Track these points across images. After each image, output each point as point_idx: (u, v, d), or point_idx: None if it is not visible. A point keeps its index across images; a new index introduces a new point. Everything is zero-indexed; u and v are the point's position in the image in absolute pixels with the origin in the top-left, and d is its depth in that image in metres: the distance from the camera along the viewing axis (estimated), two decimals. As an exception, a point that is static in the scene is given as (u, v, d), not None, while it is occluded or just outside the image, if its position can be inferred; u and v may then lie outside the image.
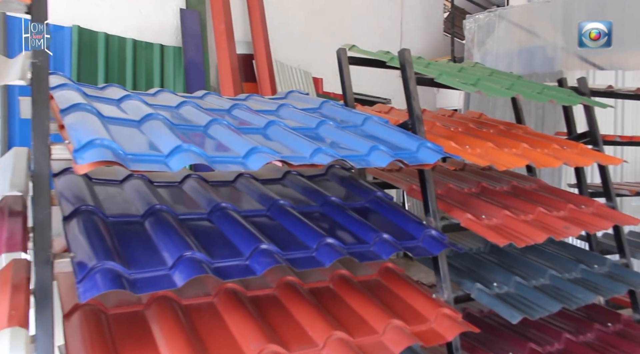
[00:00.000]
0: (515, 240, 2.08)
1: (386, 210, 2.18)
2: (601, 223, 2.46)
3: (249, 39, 5.47)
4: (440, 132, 2.61)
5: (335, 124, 2.18)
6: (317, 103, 2.58)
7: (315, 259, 1.71)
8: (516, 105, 3.36)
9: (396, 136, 2.13)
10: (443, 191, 2.60)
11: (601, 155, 2.71)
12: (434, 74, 2.40)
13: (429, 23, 8.52)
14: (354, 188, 2.38)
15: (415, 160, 1.95)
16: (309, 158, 1.72)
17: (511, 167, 2.15)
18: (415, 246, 1.95)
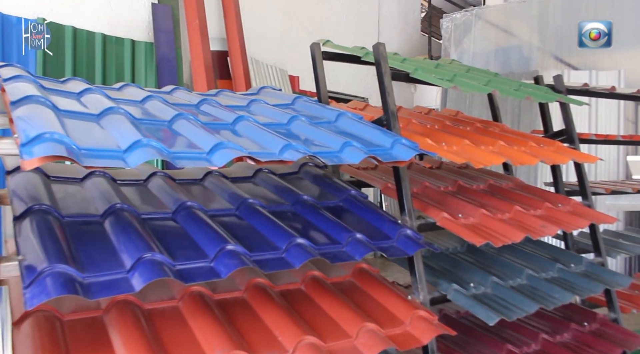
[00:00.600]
0: (492, 240, 2.03)
1: (360, 209, 2.11)
2: (578, 221, 2.43)
3: (224, 36, 5.36)
4: (416, 129, 2.55)
5: (307, 120, 2.11)
6: (290, 99, 2.51)
7: (285, 260, 1.63)
8: (493, 103, 3.32)
9: (370, 132, 2.06)
10: (419, 189, 2.54)
11: (578, 153, 2.69)
12: (410, 69, 2.34)
13: (407, 22, 8.51)
14: (327, 186, 2.31)
15: (390, 157, 1.89)
16: (277, 154, 1.64)
17: (488, 165, 2.10)
18: (390, 247, 1.88)
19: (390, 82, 2.21)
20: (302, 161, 2.52)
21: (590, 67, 6.12)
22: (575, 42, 6.24)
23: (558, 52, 6.33)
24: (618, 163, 5.84)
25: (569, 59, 6.28)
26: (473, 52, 6.69)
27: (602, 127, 5.96)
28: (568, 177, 5.60)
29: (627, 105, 6.02)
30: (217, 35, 5.40)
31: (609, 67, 6.10)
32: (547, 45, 6.38)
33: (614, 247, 3.08)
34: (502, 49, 6.56)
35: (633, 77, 5.87)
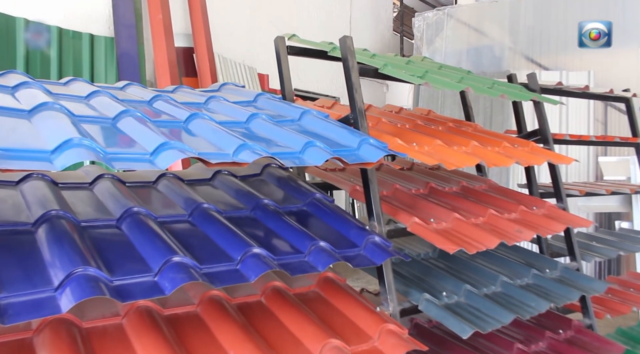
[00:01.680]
0: (465, 246, 1.91)
1: (325, 214, 1.96)
2: (553, 225, 2.33)
3: (190, 31, 5.16)
4: (386, 129, 2.42)
5: (268, 118, 1.95)
6: (252, 96, 2.35)
7: (240, 273, 1.47)
8: (465, 102, 3.22)
9: (336, 132, 1.92)
10: (389, 192, 2.41)
11: (553, 154, 2.60)
12: (378, 65, 2.20)
13: (379, 21, 8.41)
14: (291, 189, 2.15)
15: (356, 158, 1.75)
16: (231, 155, 1.49)
17: (461, 167, 1.98)
18: (357, 255, 1.74)
19: (358, 77, 2.07)
20: (265, 162, 2.36)
21: (560, 67, 6.11)
22: (547, 41, 6.24)
23: (529, 52, 6.31)
24: (588, 164, 5.84)
25: (539, 59, 6.26)
26: (445, 51, 6.62)
27: (572, 127, 5.96)
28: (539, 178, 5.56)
29: (596, 106, 6.03)
30: (182, 30, 5.19)
31: (579, 67, 6.11)
32: (518, 45, 6.36)
33: (587, 250, 3.01)
34: (474, 49, 6.51)
35: (601, 78, 5.87)
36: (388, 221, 2.19)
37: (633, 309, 2.93)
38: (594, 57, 5.88)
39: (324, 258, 1.61)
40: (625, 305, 2.92)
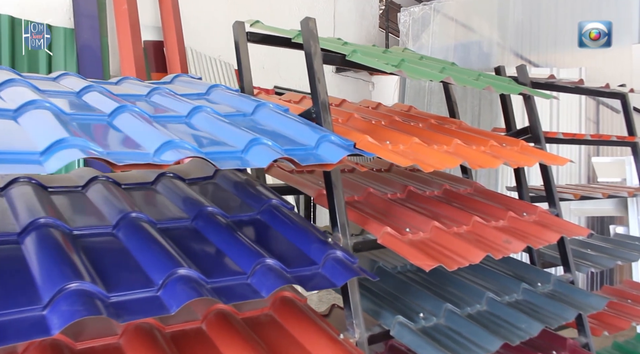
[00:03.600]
0: (445, 261, 1.63)
1: (282, 223, 1.68)
2: (546, 234, 2.06)
3: (160, 24, 4.85)
4: (358, 125, 2.14)
5: (214, 112, 1.67)
6: (205, 88, 2.06)
7: (160, 302, 1.19)
8: (450, 97, 2.95)
9: (294, 128, 1.63)
10: (361, 197, 2.13)
11: (545, 153, 2.33)
12: (346, 51, 1.92)
13: (364, 17, 8.14)
14: (245, 194, 1.87)
15: (314, 158, 1.46)
16: (152, 155, 1.20)
17: (440, 168, 1.70)
18: (314, 275, 1.45)
19: (321, 65, 1.79)
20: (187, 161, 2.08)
21: (551, 64, 5.88)
22: (537, 37, 6.01)
23: (519, 49, 6.07)
24: (580, 165, 5.60)
25: (529, 56, 6.02)
26: (431, 47, 6.36)
27: (563, 126, 5.72)
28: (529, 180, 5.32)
29: (588, 105, 5.80)
30: (153, 23, 4.89)
31: (570, 64, 5.87)
32: (507, 41, 6.11)
33: (582, 259, 2.74)
34: (461, 45, 6.25)
35: (594, 75, 5.64)
36: (361, 231, 1.92)
37: (632, 324, 2.67)
38: (585, 53, 5.65)
39: (270, 280, 1.33)
40: (624, 320, 2.66)
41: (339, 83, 7.58)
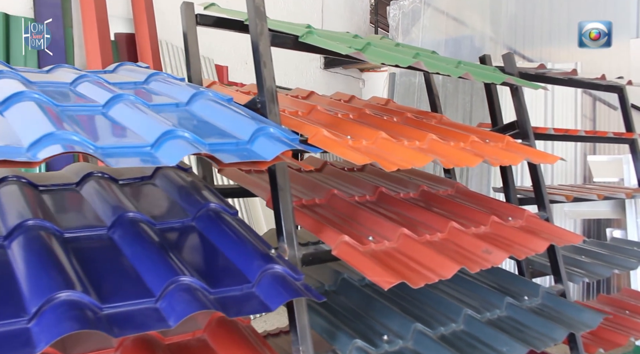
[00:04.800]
0: (409, 277, 1.38)
1: (218, 232, 1.42)
2: (533, 243, 1.81)
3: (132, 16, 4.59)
4: (319, 118, 1.89)
5: (140, 102, 1.41)
6: (144, 77, 1.81)
7: (28, 335, 0.93)
8: (431, 90, 2.70)
9: (230, 119, 1.38)
10: (324, 199, 1.88)
11: (533, 150, 2.07)
12: (299, 33, 1.67)
13: (354, 12, 7.89)
14: (183, 197, 1.61)
15: (247, 154, 1.21)
16: (25, 150, 0.95)
17: (406, 166, 1.45)
18: (244, 297, 1.19)
19: (268, 47, 1.54)
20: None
21: (545, 59, 5.63)
22: (530, 32, 5.77)
23: (512, 43, 5.81)
24: (575, 163, 5.35)
25: (523, 51, 5.77)
26: (422, 42, 6.11)
27: (559, 124, 5.46)
28: (521, 179, 5.07)
29: (584, 101, 5.55)
30: (125, 14, 4.63)
31: (566, 59, 5.62)
32: (500, 35, 5.86)
33: (575, 268, 2.49)
34: (452, 39, 6.00)
35: (590, 70, 5.38)
36: (317, 241, 1.66)
37: (630, 339, 2.43)
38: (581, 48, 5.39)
39: (181, 304, 1.07)
40: (621, 334, 2.41)
41: (327, 80, 7.33)
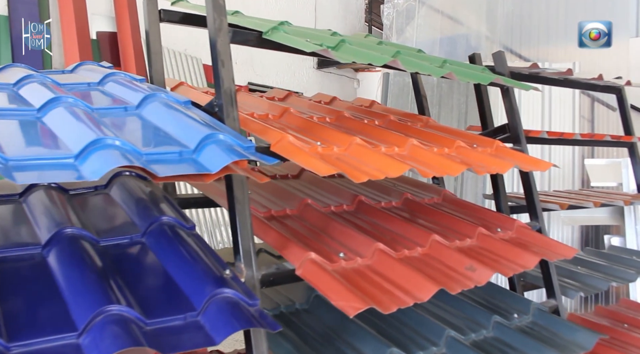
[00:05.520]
0: (380, 301, 1.23)
1: (168, 250, 1.27)
2: (523, 257, 1.67)
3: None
4: (291, 122, 1.74)
5: (82, 105, 1.27)
6: (99, 78, 1.67)
7: None
8: (418, 90, 2.56)
9: (180, 124, 1.24)
10: (295, 210, 1.73)
11: (523, 156, 1.93)
12: (264, 29, 1.53)
13: (348, 11, 7.75)
14: (136, 210, 1.46)
15: (192, 165, 1.07)
16: None
17: (378, 177, 1.31)
18: (185, 327, 1.04)
19: (228, 44, 1.40)
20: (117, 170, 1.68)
21: (542, 59, 5.48)
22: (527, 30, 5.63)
23: (508, 42, 5.67)
24: (573, 166, 5.21)
25: (519, 50, 5.63)
26: (416, 41, 5.97)
27: (556, 126, 5.32)
28: (517, 185, 4.92)
29: (582, 102, 5.41)
30: (108, 12, 4.49)
31: (563, 59, 5.49)
32: (496, 34, 5.72)
33: (570, 280, 2.35)
34: (447, 38, 5.86)
35: (588, 70, 5.24)
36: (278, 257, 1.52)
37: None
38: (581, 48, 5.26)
39: (108, 340, 0.92)
40: (618, 351, 2.26)
41: (320, 80, 7.19)
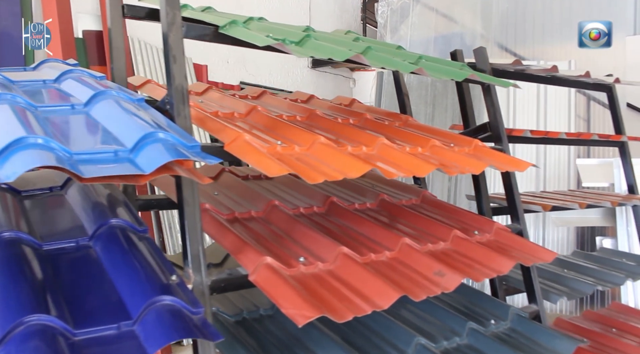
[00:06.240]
0: (335, 310, 1.16)
1: (114, 254, 1.21)
2: (497, 261, 1.59)
3: (101, 12, 4.39)
4: (257, 120, 1.68)
5: (25, 103, 1.21)
6: (55, 75, 1.60)
7: None
8: (400, 88, 2.49)
9: (124, 123, 1.17)
10: (261, 212, 1.67)
11: (501, 156, 1.85)
12: (220, 22, 1.46)
13: (344, 10, 7.68)
14: (88, 212, 1.40)
15: (128, 165, 1.00)
16: None
17: (336, 178, 1.24)
18: (119, 337, 0.98)
19: (181, 39, 1.33)
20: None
21: (538, 57, 5.40)
22: (522, 28, 5.55)
23: (503, 41, 5.59)
24: (569, 166, 5.13)
25: (515, 48, 5.55)
26: (410, 39, 5.89)
27: (551, 125, 5.24)
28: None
29: (578, 101, 5.33)
30: (94, 10, 4.43)
31: (560, 57, 5.40)
32: (491, 32, 5.64)
33: (555, 283, 2.28)
34: (442, 37, 5.78)
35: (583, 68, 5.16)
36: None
37: (615, 363, 2.21)
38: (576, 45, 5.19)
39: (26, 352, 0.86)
40: (605, 358, 2.20)
41: (315, 79, 7.12)
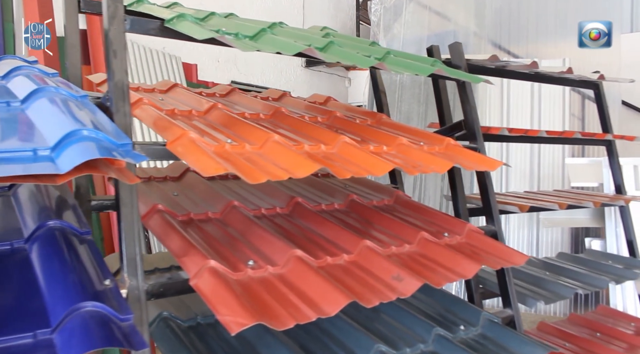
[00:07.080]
0: (275, 317, 1.10)
1: (48, 258, 1.16)
2: (463, 265, 1.53)
3: (88, 11, 4.34)
4: (215, 119, 1.62)
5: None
6: (5, 71, 1.55)
7: None
8: (377, 85, 2.43)
9: (56, 121, 1.12)
10: (218, 213, 1.61)
11: (471, 155, 1.79)
12: (168, 16, 1.41)
13: (338, 9, 7.61)
14: (30, 213, 1.35)
15: (42, 165, 0.95)
16: None
17: (280, 177, 1.18)
18: (35, 346, 0.92)
19: (123, 33, 1.27)
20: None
21: (531, 55, 5.33)
22: (516, 26, 5.48)
23: (497, 39, 5.52)
24: (563, 166, 5.05)
25: (508, 46, 5.48)
26: (404, 38, 5.83)
27: (545, 124, 5.17)
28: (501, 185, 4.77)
29: (572, 100, 5.26)
30: (81, 10, 4.38)
31: (554, 55, 5.33)
32: (484, 30, 5.57)
33: (534, 286, 2.21)
34: (435, 35, 5.71)
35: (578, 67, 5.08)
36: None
37: (596, 369, 2.14)
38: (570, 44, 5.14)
39: None
40: (585, 363, 2.13)
41: (309, 79, 7.07)
